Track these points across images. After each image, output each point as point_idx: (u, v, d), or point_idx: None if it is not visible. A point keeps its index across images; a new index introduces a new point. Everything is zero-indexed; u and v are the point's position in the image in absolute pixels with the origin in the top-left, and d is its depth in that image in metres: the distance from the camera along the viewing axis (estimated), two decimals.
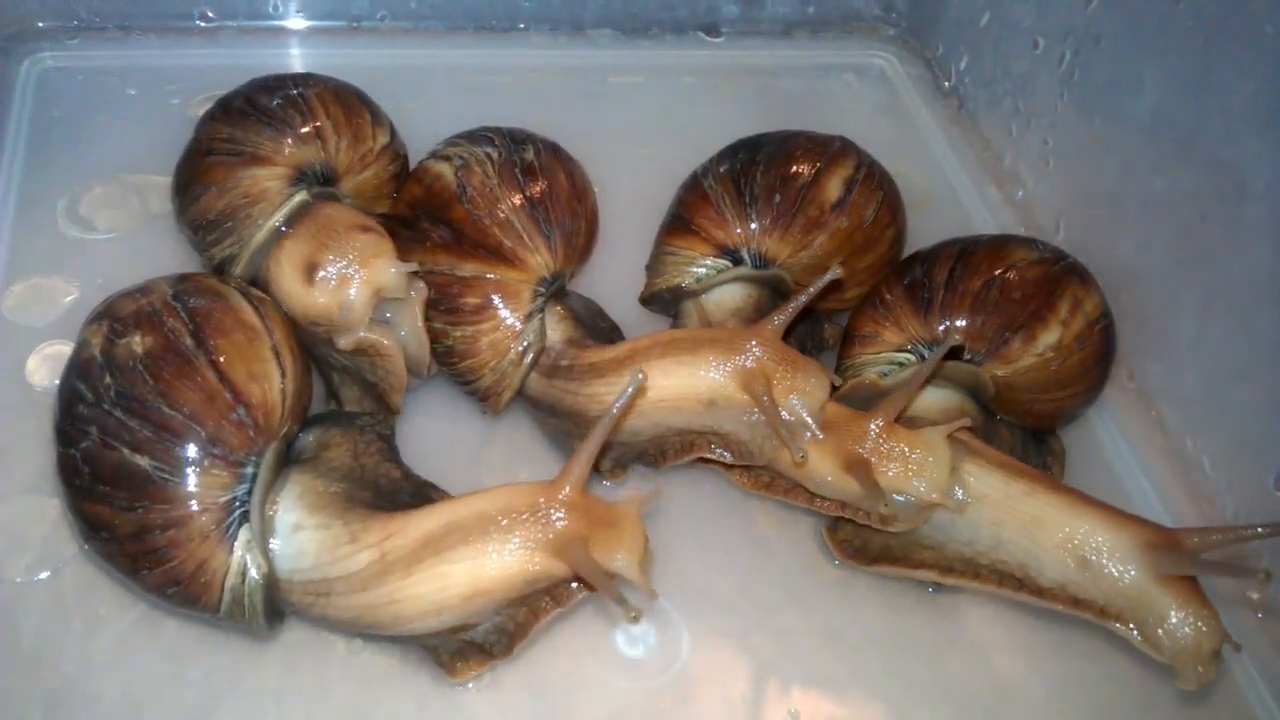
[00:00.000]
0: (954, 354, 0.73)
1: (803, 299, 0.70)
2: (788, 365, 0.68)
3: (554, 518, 0.61)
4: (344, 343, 0.70)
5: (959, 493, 0.68)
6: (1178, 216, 0.81)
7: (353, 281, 0.69)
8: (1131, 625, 0.65)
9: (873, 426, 0.68)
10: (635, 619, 0.59)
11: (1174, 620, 0.64)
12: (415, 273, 0.72)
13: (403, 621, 0.61)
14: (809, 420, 0.67)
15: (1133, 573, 0.65)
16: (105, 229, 0.88)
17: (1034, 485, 0.68)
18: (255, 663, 0.65)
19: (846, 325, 0.80)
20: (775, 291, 0.79)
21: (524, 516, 0.61)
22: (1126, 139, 0.87)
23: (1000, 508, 0.68)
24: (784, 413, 0.67)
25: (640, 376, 0.61)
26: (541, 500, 0.61)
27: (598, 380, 0.72)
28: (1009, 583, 0.68)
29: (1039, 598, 0.67)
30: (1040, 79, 0.98)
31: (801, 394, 0.67)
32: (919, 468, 0.67)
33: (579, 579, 0.63)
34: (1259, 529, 0.63)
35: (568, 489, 0.61)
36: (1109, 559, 0.65)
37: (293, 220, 0.72)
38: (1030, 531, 0.67)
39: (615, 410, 0.62)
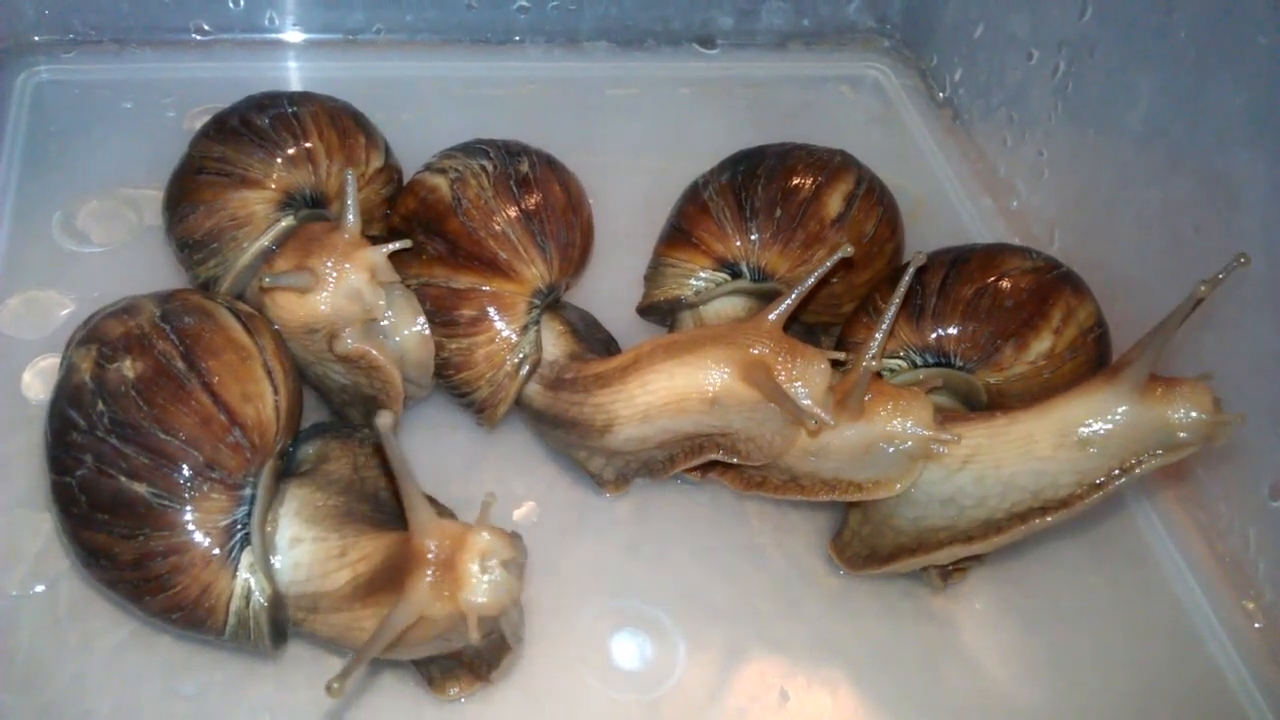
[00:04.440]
0: (944, 360, 0.74)
1: (811, 280, 0.69)
2: (788, 354, 0.68)
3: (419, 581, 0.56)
4: (346, 344, 0.69)
5: (952, 435, 0.68)
6: (1171, 227, 0.81)
7: (347, 273, 0.69)
8: (1154, 451, 0.66)
9: (859, 377, 0.68)
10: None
11: (1177, 415, 0.65)
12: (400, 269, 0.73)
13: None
14: (814, 407, 0.67)
15: (1121, 410, 0.66)
16: (101, 242, 0.88)
17: (1010, 414, 0.69)
18: (250, 678, 0.65)
19: (840, 332, 0.80)
20: None
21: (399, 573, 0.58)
22: (1120, 149, 0.87)
23: (995, 448, 0.68)
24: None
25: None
26: (411, 559, 0.57)
27: (603, 390, 0.71)
28: (1034, 516, 0.67)
29: (1067, 509, 0.67)
30: (1034, 90, 0.98)
31: (805, 381, 0.67)
32: (904, 410, 0.67)
33: None
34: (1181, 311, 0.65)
35: (423, 540, 0.56)
36: (1098, 421, 0.66)
37: (278, 242, 0.72)
38: (1029, 450, 0.67)
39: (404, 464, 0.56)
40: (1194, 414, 0.65)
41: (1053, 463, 0.67)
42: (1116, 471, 0.66)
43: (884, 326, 0.68)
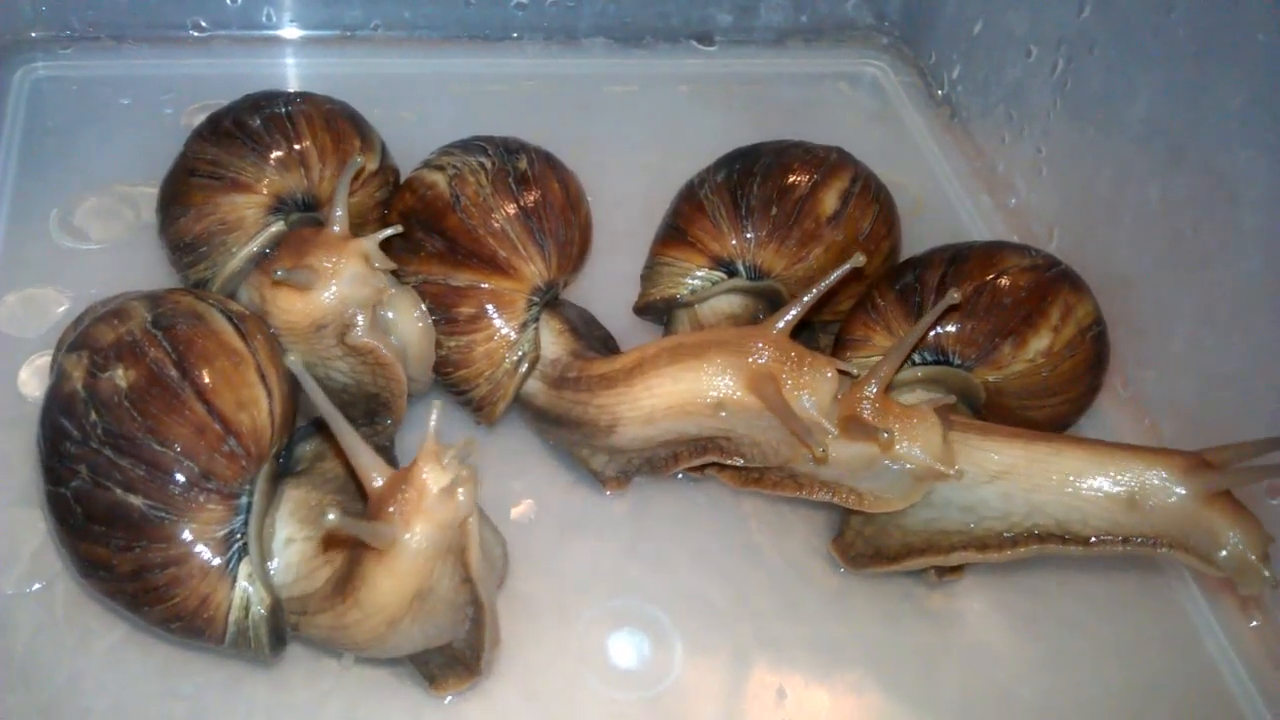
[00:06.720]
0: (942, 357, 0.74)
1: (820, 289, 0.69)
2: (795, 363, 0.67)
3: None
4: (357, 336, 0.69)
5: (954, 469, 0.67)
6: (1171, 224, 0.81)
7: (344, 265, 0.69)
8: (1184, 548, 0.66)
9: (867, 392, 0.68)
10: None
11: (1227, 535, 0.65)
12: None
13: (362, 647, 0.61)
14: (821, 419, 0.66)
15: (1180, 494, 0.66)
16: (98, 239, 0.88)
17: (1057, 445, 0.68)
18: (247, 678, 0.65)
19: (838, 330, 0.80)
20: (770, 303, 0.79)
21: None
22: (1119, 147, 0.87)
23: (1031, 474, 0.68)
24: (797, 412, 0.67)
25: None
26: (371, 505, 0.59)
27: (607, 391, 0.71)
28: (1051, 540, 0.67)
29: (1085, 548, 0.67)
30: (1033, 87, 0.98)
31: (812, 391, 0.67)
32: (910, 432, 0.67)
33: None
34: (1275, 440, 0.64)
35: (373, 478, 0.59)
36: (1155, 492, 0.66)
37: (268, 247, 0.72)
38: (1071, 487, 0.67)
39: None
40: (1241, 546, 0.65)
41: (1091, 504, 0.67)
42: (1148, 540, 0.67)
43: (902, 348, 0.68)
